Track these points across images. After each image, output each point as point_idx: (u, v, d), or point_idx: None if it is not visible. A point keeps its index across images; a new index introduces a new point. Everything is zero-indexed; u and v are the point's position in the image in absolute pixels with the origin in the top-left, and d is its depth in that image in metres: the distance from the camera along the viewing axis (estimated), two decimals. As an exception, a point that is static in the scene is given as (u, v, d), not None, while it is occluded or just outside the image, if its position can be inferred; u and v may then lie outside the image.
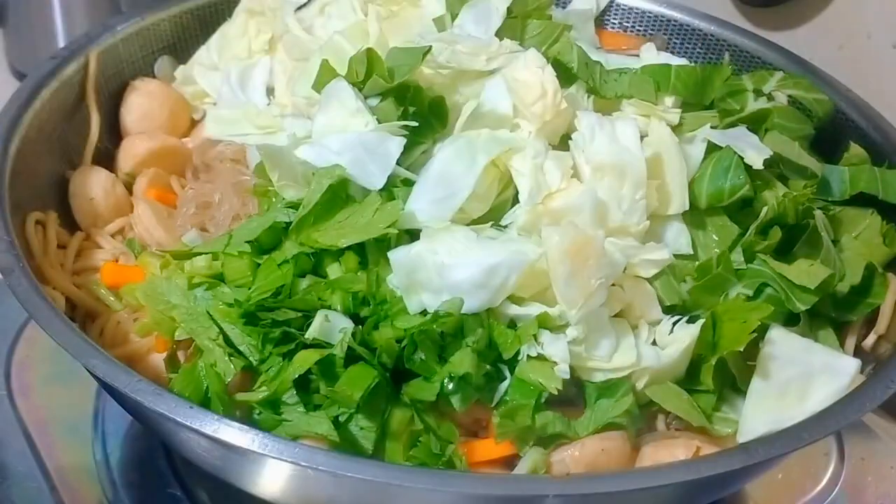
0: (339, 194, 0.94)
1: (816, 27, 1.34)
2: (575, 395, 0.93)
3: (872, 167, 1.10)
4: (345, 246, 0.92)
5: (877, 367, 0.96)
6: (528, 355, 0.90)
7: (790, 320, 0.98)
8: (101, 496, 1.04)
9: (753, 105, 1.13)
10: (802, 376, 0.92)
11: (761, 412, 0.91)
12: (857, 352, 1.02)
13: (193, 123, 1.25)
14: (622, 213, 0.96)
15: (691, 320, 0.95)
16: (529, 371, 0.90)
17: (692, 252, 1.01)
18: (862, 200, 1.09)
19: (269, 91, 1.22)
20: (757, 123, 1.10)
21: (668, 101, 1.09)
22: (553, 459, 0.89)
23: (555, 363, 0.90)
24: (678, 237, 1.01)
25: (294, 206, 0.95)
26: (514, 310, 0.92)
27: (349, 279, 0.91)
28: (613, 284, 0.94)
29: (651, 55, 1.16)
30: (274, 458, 0.76)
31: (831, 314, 1.01)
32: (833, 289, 0.99)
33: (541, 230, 0.91)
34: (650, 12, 1.36)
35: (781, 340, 0.95)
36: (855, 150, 1.14)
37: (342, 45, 1.13)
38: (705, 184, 1.02)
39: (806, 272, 0.96)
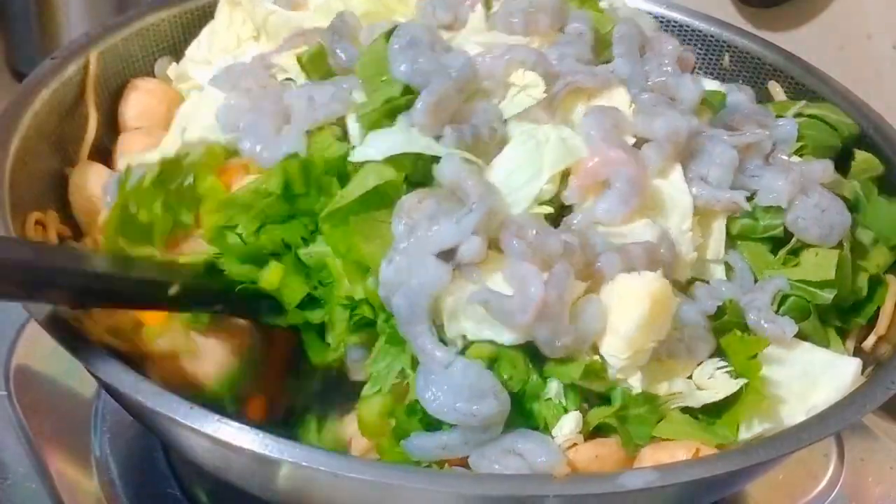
0: (387, 194, 0.90)
1: (816, 28, 1.34)
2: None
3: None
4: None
5: (877, 368, 0.96)
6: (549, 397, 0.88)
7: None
8: (101, 496, 1.04)
9: None
10: (802, 376, 0.92)
11: (761, 413, 0.91)
12: (857, 352, 1.02)
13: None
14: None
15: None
16: (545, 410, 0.87)
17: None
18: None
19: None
20: None
21: None
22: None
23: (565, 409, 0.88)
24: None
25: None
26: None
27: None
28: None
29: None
30: (274, 458, 0.76)
31: (837, 324, 1.01)
32: (850, 283, 1.00)
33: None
34: (650, 13, 1.36)
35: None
36: (861, 156, 1.11)
37: (336, 6, 1.12)
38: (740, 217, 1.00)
39: (818, 265, 0.97)
